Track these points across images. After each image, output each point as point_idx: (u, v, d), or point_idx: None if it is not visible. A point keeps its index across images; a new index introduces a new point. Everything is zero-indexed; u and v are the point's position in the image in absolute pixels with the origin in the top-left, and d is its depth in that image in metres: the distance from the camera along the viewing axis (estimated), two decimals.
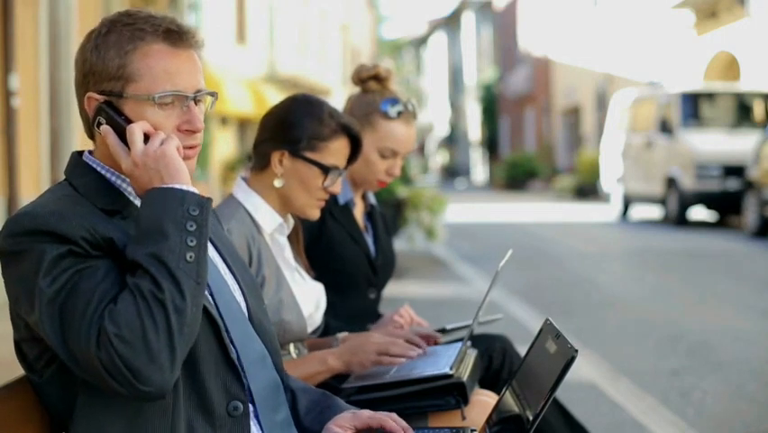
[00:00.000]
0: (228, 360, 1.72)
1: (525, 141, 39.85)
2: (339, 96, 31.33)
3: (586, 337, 6.34)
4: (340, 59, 36.43)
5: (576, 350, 1.62)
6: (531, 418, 1.68)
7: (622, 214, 18.05)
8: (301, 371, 2.29)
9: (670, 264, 10.80)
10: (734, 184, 14.61)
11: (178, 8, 13.82)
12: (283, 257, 2.48)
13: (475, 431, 1.96)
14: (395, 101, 2.88)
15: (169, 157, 1.65)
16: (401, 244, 10.35)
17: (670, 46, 22.70)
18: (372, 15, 49.83)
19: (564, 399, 2.90)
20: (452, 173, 54.06)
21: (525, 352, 1.92)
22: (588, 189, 24.86)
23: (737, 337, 6.49)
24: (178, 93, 1.70)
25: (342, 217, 2.91)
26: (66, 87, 9.43)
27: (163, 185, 1.63)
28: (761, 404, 4.84)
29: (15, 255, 1.59)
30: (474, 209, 21.07)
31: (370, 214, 3.06)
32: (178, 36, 1.71)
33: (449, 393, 2.27)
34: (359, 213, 3.00)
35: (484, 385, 2.61)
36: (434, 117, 59.42)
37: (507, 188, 33.22)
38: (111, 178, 1.74)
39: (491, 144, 45.23)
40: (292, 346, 2.45)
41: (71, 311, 1.55)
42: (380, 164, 2.88)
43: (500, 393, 1.94)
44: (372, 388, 2.30)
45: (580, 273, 10.13)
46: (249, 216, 2.44)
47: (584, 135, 30.93)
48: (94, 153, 1.78)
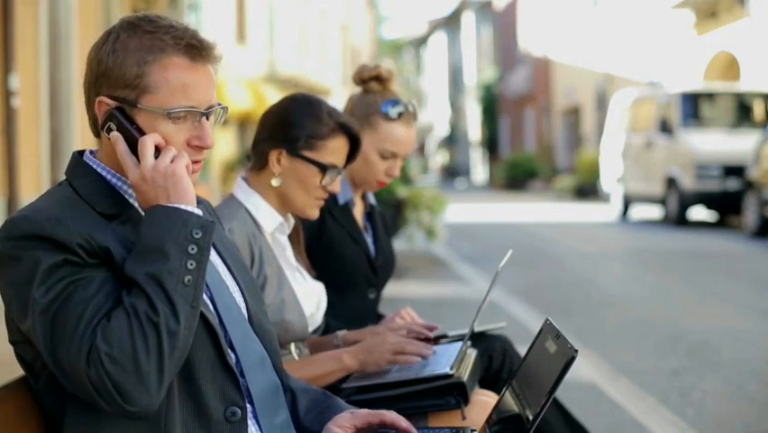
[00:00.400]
0: (226, 365, 1.71)
1: (525, 141, 39.84)
2: (339, 97, 31.33)
3: (586, 337, 6.33)
4: (340, 59, 36.44)
5: (576, 350, 1.62)
6: (531, 418, 1.68)
7: (622, 214, 18.04)
8: (315, 370, 2.29)
9: (670, 264, 10.80)
10: (734, 184, 14.60)
11: (177, 8, 13.79)
12: (284, 257, 2.48)
13: (475, 431, 1.96)
14: (396, 102, 2.88)
15: (179, 176, 1.64)
16: (401, 244, 10.35)
17: (670, 46, 22.70)
18: (372, 15, 49.85)
19: (564, 399, 2.90)
20: (452, 173, 54.05)
21: (525, 352, 1.92)
22: (588, 189, 24.86)
23: (737, 337, 6.49)
24: (191, 109, 1.69)
25: (342, 217, 2.91)
26: (66, 87, 9.43)
27: (169, 204, 1.63)
28: (761, 404, 4.84)
29: (11, 259, 1.58)
30: (474, 209, 21.07)
31: (369, 214, 3.06)
32: (197, 51, 1.69)
33: (449, 393, 2.27)
34: (358, 213, 3.00)
35: (484, 385, 2.61)
36: (434, 117, 59.40)
37: (507, 189, 33.21)
38: (112, 180, 1.73)
39: (491, 144, 45.23)
40: (293, 346, 2.44)
41: (63, 324, 1.55)
42: (380, 165, 2.88)
43: (500, 393, 1.94)
44: (372, 388, 2.29)
45: (580, 273, 10.13)
46: (250, 216, 2.44)
47: (584, 135, 30.93)
48: (97, 154, 1.76)
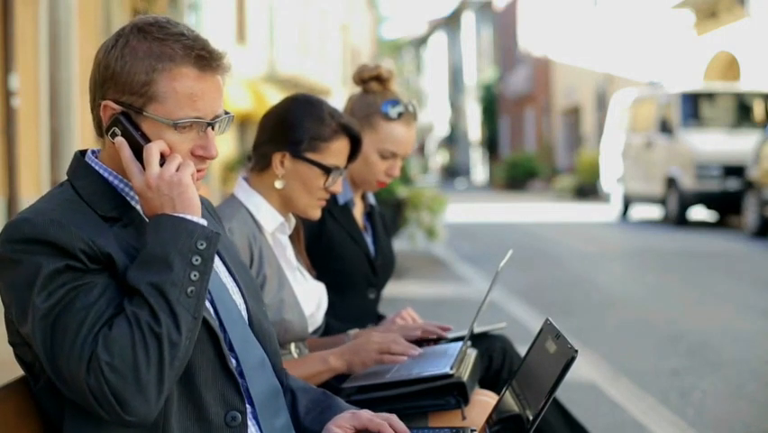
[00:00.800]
0: (226, 369, 1.71)
1: (525, 141, 39.83)
2: (339, 96, 31.31)
3: (586, 337, 6.33)
4: (340, 59, 36.42)
5: (576, 350, 1.62)
6: (531, 418, 1.68)
7: (622, 214, 18.04)
8: (303, 370, 2.29)
9: (670, 264, 10.79)
10: (734, 184, 14.60)
11: (178, 8, 13.76)
12: (285, 257, 2.48)
13: (475, 431, 1.96)
14: (396, 102, 2.88)
15: (185, 186, 1.64)
16: (401, 244, 10.34)
17: (670, 46, 22.69)
18: (372, 15, 49.82)
19: (564, 399, 2.90)
20: (452, 173, 54.04)
21: (525, 352, 1.92)
22: (588, 189, 24.86)
23: (737, 337, 6.48)
24: (198, 120, 1.69)
25: (342, 217, 2.91)
26: (66, 87, 9.42)
27: (174, 213, 1.62)
28: (761, 404, 4.84)
29: (12, 262, 1.57)
30: (474, 209, 21.06)
31: (369, 214, 3.06)
32: (207, 62, 1.68)
33: (449, 393, 2.27)
34: (358, 213, 3.00)
35: (484, 385, 2.61)
36: (434, 117, 59.38)
37: (507, 189, 33.20)
38: (114, 182, 1.72)
39: (491, 144, 45.22)
40: (293, 346, 2.44)
41: (64, 330, 1.54)
42: (380, 165, 2.88)
43: (500, 393, 1.94)
44: (372, 388, 2.29)
45: (580, 273, 10.13)
46: (250, 216, 2.44)
47: (584, 135, 30.92)
48: (100, 155, 1.75)
